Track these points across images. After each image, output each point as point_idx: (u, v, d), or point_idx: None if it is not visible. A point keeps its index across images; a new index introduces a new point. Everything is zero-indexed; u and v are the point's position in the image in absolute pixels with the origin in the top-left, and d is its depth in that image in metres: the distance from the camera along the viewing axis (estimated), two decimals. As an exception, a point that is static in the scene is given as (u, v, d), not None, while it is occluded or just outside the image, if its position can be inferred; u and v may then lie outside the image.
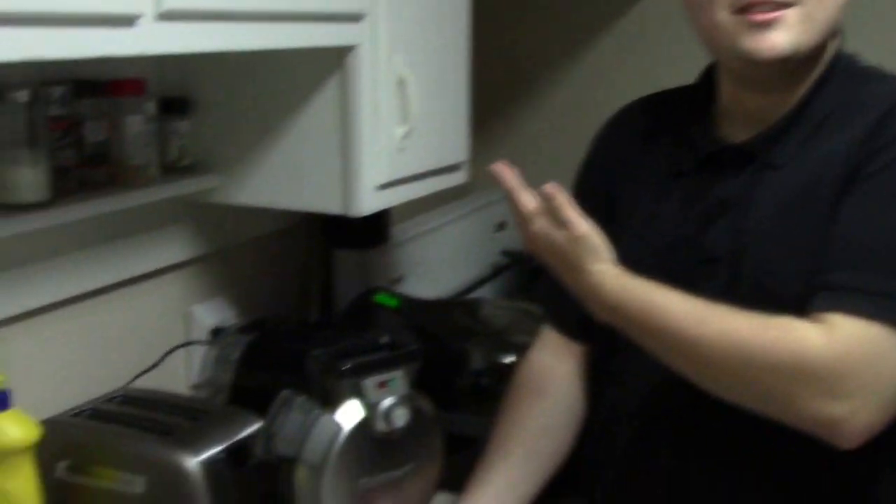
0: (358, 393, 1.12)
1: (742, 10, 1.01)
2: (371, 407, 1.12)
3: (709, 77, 1.14)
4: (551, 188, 1.00)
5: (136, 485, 1.12)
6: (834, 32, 1.06)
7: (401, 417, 1.13)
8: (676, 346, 0.99)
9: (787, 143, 1.06)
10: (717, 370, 0.97)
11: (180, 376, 1.50)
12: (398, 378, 1.14)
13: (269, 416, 1.10)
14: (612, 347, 1.16)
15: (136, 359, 1.42)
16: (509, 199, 1.03)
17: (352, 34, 1.29)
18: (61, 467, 1.16)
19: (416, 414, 1.15)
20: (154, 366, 1.42)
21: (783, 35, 1.01)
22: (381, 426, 1.12)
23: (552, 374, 1.26)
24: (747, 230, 1.06)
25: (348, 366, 1.11)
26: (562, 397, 1.25)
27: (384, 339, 1.18)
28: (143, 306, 1.45)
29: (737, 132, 1.10)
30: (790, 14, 1.00)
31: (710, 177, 1.10)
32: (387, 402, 1.12)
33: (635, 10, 2.19)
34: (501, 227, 2.24)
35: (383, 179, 1.38)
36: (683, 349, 0.98)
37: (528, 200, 1.02)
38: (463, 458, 1.34)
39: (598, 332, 1.16)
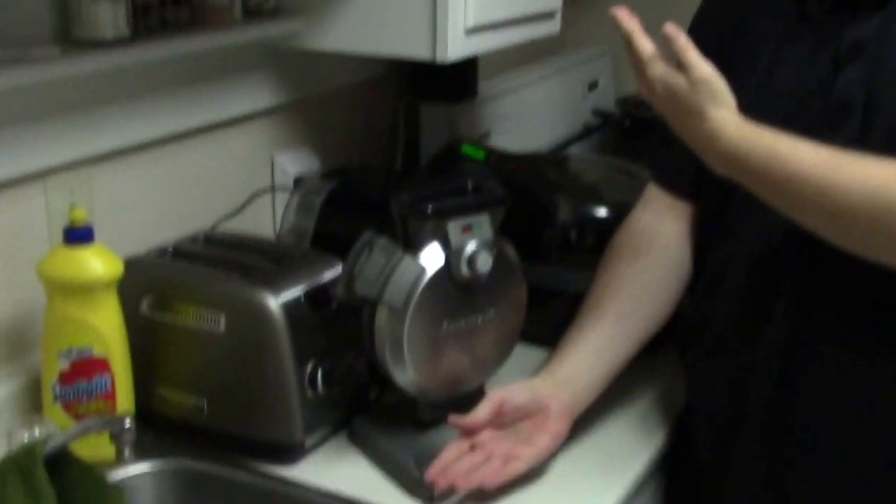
0: (441, 236, 1.09)
1: None
2: (454, 251, 1.09)
3: None
4: (672, 29, 0.96)
5: (218, 323, 1.13)
6: None
7: (484, 263, 1.10)
8: (805, 197, 0.95)
9: None
10: (850, 220, 0.94)
11: (263, 222, 1.50)
12: (483, 222, 1.11)
13: (351, 257, 1.08)
14: (724, 204, 1.12)
15: (220, 203, 1.43)
16: (626, 43, 0.99)
17: None
18: (145, 304, 1.17)
19: (500, 260, 1.12)
20: (238, 210, 1.42)
21: None
22: (463, 271, 1.09)
23: (656, 233, 1.23)
24: (883, 76, 1.00)
25: (432, 208, 1.08)
26: (665, 257, 1.22)
27: (470, 184, 1.14)
28: (228, 151, 1.45)
29: None
30: None
31: (841, 18, 1.05)
32: (470, 246, 1.09)
33: None
34: (594, 86, 2.20)
35: (472, 23, 1.33)
36: (813, 199, 0.95)
37: (647, 43, 0.99)
38: (547, 312, 1.36)
39: (710, 190, 1.14)
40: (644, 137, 1.93)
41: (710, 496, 1.19)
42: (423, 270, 1.07)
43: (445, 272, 1.09)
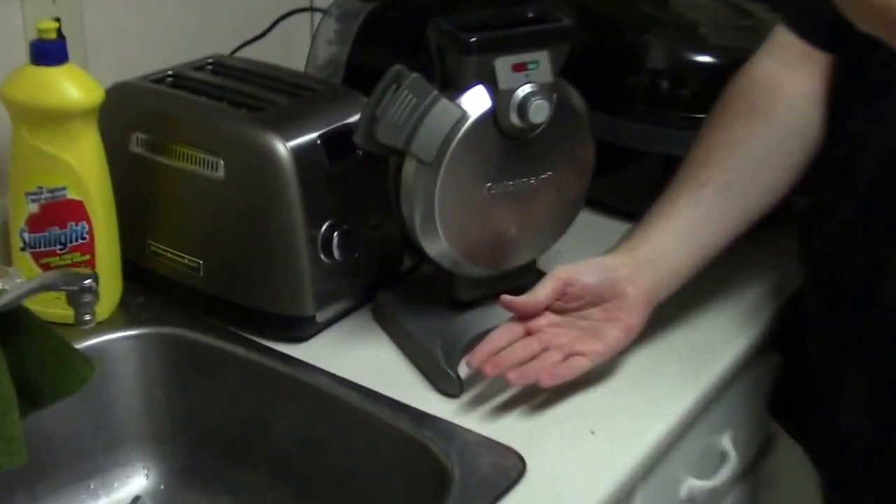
0: (488, 76, 0.93)
1: None
2: (503, 94, 0.93)
3: None
4: None
5: (216, 168, 1.00)
6: None
7: (540, 111, 0.93)
8: None
9: None
10: None
11: (297, 50, 1.36)
12: (542, 61, 0.93)
13: (374, 96, 0.92)
14: (867, 61, 0.95)
15: (244, 25, 1.29)
16: None
17: None
18: (134, 141, 1.05)
19: (561, 109, 0.96)
20: (263, 34, 1.29)
21: None
22: (513, 119, 0.93)
23: (781, 87, 1.05)
24: None
25: (477, 39, 0.91)
26: (790, 119, 1.05)
27: (531, 13, 0.97)
28: None
29: None
30: None
31: None
32: (524, 89, 0.93)
33: None
34: None
35: None
36: None
37: None
38: (627, 178, 1.24)
39: (850, 43, 0.94)
40: None
41: (817, 404, 1.06)
42: (462, 116, 0.92)
43: (490, 120, 0.93)
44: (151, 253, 1.07)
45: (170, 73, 1.10)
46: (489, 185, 0.95)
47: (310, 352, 1.01)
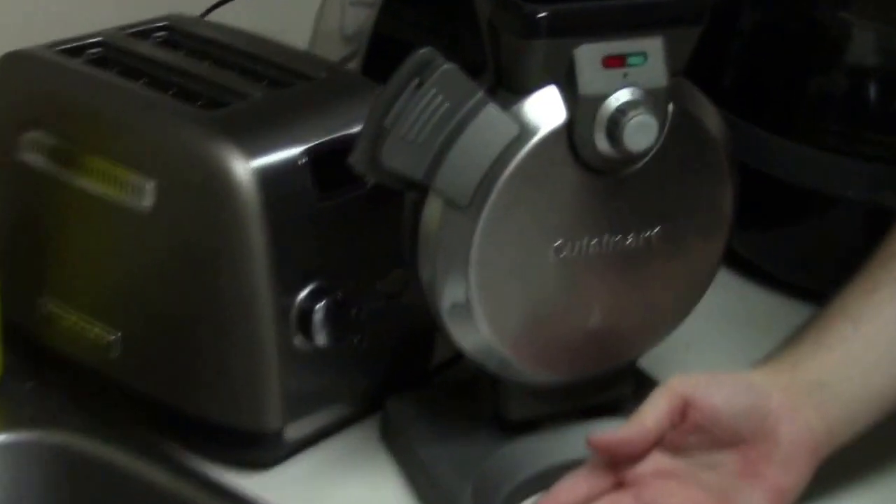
0: (564, 72, 0.94)
1: None
2: (586, 103, 0.94)
3: None
4: None
5: (141, 194, 1.01)
6: None
7: (643, 132, 0.94)
8: None
9: None
10: None
11: (296, 20, 1.41)
12: (651, 53, 0.94)
13: (384, 96, 0.93)
14: None
15: None
16: None
17: None
18: (28, 145, 1.08)
19: (681, 130, 0.97)
20: None
21: None
22: (600, 144, 0.94)
23: None
24: None
25: (548, 13, 0.92)
26: None
27: None
28: None
29: None
30: None
31: None
32: (619, 97, 0.94)
33: None
34: None
35: None
36: None
37: None
38: (802, 236, 1.29)
39: None
40: None
41: None
42: (518, 134, 0.94)
43: (564, 143, 0.95)
44: (45, 316, 1.09)
45: (96, 40, 1.13)
46: (559, 243, 0.96)
47: (274, 485, 1.03)
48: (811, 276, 1.23)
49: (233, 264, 1.00)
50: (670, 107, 0.96)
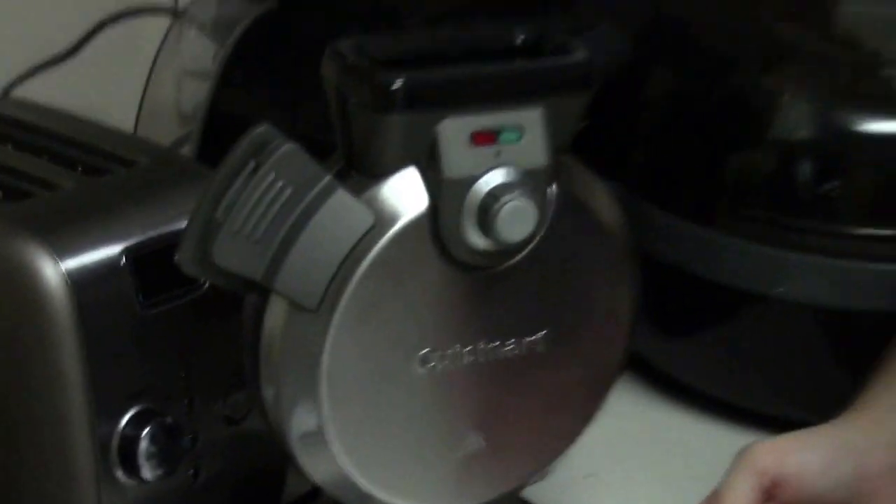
0: (426, 150, 0.99)
1: None
2: (452, 188, 0.98)
3: None
4: None
5: None
6: None
7: (521, 220, 0.98)
8: None
9: None
10: None
11: (125, 80, 1.46)
12: (528, 127, 0.99)
13: (217, 183, 0.97)
14: None
15: (40, 35, 1.42)
16: None
17: None
18: None
19: (568, 217, 1.02)
20: (68, 53, 1.42)
21: None
22: (470, 235, 0.98)
23: None
24: None
25: (402, 81, 0.96)
26: None
27: (520, 35, 1.04)
28: None
29: None
30: None
31: None
32: (491, 179, 0.98)
33: None
34: None
35: None
36: None
37: None
38: (722, 337, 1.34)
39: None
40: None
41: None
42: (372, 225, 0.98)
43: (428, 234, 1.00)
44: None
45: None
46: (426, 352, 1.00)
47: None
48: (735, 389, 1.29)
49: (42, 384, 1.04)
50: (553, 190, 1.00)
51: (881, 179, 1.33)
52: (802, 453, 1.04)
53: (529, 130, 1.00)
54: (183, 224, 1.05)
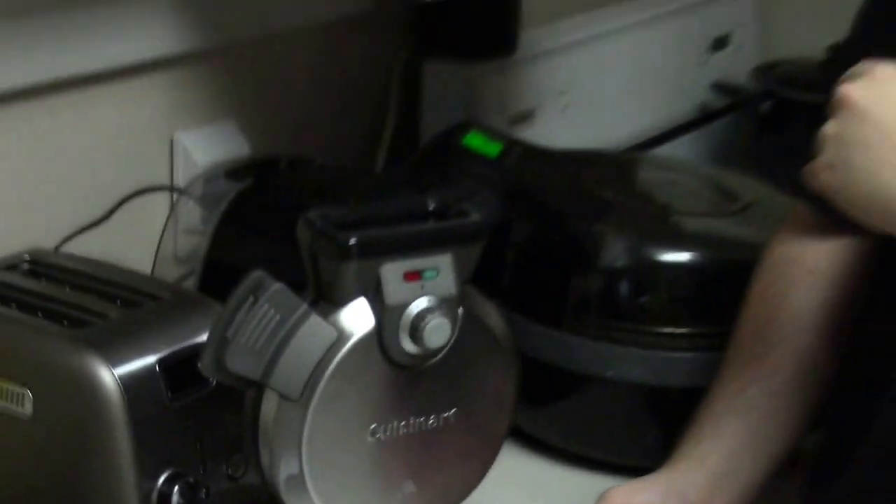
0: (372, 286, 1.04)
1: None
2: (389, 311, 1.04)
3: None
4: None
5: (21, 402, 1.10)
6: None
7: (439, 332, 1.04)
8: None
9: None
10: None
11: (141, 240, 1.50)
12: (443, 267, 1.05)
13: (226, 311, 1.03)
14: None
15: (79, 207, 1.43)
16: None
17: None
18: None
19: (470, 329, 1.07)
20: (104, 218, 1.43)
21: None
22: (404, 343, 1.04)
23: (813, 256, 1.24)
24: None
25: (356, 240, 1.02)
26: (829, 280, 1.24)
27: (431, 203, 1.09)
28: (101, 124, 1.46)
29: None
30: None
31: None
32: (418, 304, 1.04)
33: None
34: (720, 44, 2.24)
35: None
36: None
37: None
38: (572, 411, 1.38)
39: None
40: (789, 130, 2.03)
41: None
42: (337, 338, 1.03)
43: (375, 344, 1.05)
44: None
45: None
46: (374, 427, 1.05)
47: None
48: (588, 446, 1.35)
49: (102, 456, 1.08)
50: (460, 310, 1.05)
51: (676, 293, 1.39)
52: (644, 494, 1.10)
53: (443, 270, 1.05)
54: (197, 339, 1.13)
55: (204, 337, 1.09)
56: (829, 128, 1.05)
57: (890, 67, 1.04)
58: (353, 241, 1.03)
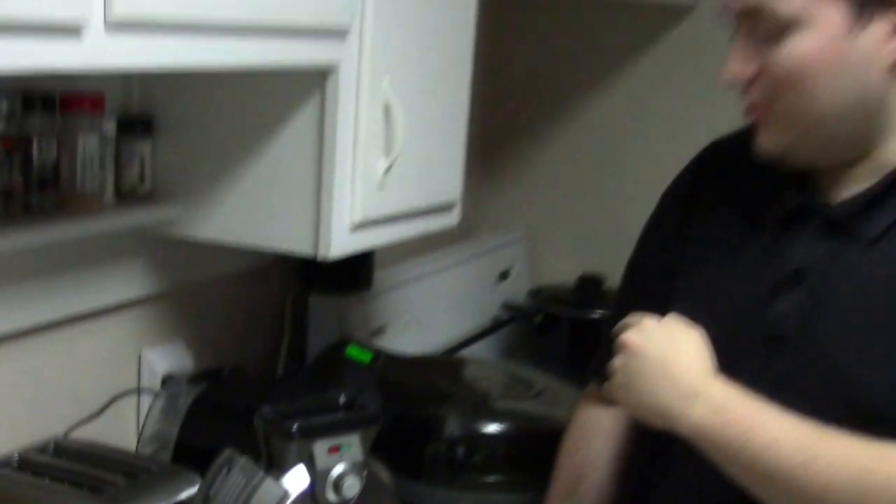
0: (307, 457, 1.15)
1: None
2: (320, 473, 1.14)
3: None
4: None
5: None
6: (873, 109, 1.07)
7: (352, 487, 1.16)
8: (781, 487, 1.02)
9: (879, 218, 1.07)
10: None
11: (126, 427, 1.52)
12: (353, 443, 1.17)
13: (208, 478, 1.14)
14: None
15: (78, 406, 1.44)
16: None
17: (333, 53, 1.28)
18: None
19: (371, 484, 1.18)
20: (95, 415, 1.45)
21: (764, 139, 1.08)
22: (329, 496, 1.15)
23: (605, 418, 1.29)
24: (820, 310, 1.07)
25: (297, 427, 1.14)
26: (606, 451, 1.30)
27: (342, 399, 1.20)
28: (89, 348, 1.48)
29: (822, 190, 1.11)
30: (769, 116, 1.07)
31: (790, 237, 1.12)
32: (338, 468, 1.15)
33: (672, 35, 2.21)
34: (504, 275, 2.27)
35: (359, 218, 1.39)
36: (790, 479, 1.01)
37: None
38: None
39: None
40: (556, 335, 2.11)
41: None
42: (284, 494, 1.13)
43: (309, 497, 1.14)
44: None
45: (16, 457, 1.27)
46: None
47: None
48: None
49: None
50: (365, 472, 1.17)
51: (498, 453, 1.47)
52: None
53: (354, 445, 1.17)
54: (180, 497, 1.21)
55: (185, 494, 1.20)
56: (617, 361, 1.11)
57: (652, 319, 1.11)
58: (294, 428, 1.14)
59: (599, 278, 2.15)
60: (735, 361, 1.07)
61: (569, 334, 2.06)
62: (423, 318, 1.97)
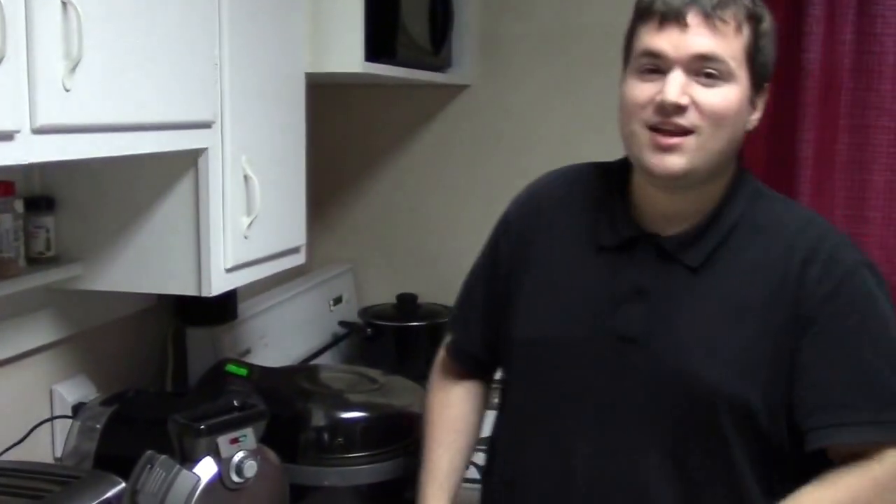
0: (213, 450, 1.18)
1: (652, 128, 1.09)
2: (224, 461, 1.18)
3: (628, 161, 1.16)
4: None
5: None
6: (732, 154, 1.14)
7: (250, 469, 1.19)
8: None
9: (701, 248, 1.11)
10: None
11: (46, 450, 1.50)
12: (248, 435, 1.21)
13: (134, 475, 1.15)
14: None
15: (2, 436, 1.42)
16: None
17: (203, 138, 1.35)
18: None
19: (264, 465, 1.22)
20: (20, 441, 1.42)
21: (679, 159, 1.08)
22: (233, 477, 1.19)
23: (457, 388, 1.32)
24: (661, 319, 1.10)
25: (204, 426, 1.17)
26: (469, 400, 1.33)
27: (236, 402, 1.24)
28: (8, 387, 1.45)
29: (653, 222, 1.14)
30: (689, 141, 1.07)
31: (626, 260, 1.13)
32: (238, 456, 1.19)
33: (454, 105, 2.31)
34: (339, 300, 2.30)
35: (231, 263, 1.44)
36: None
37: None
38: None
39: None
40: (383, 343, 2.15)
41: None
42: (198, 480, 1.16)
43: (219, 480, 1.18)
44: None
45: None
46: None
47: None
48: None
49: None
50: (259, 457, 1.20)
51: (356, 435, 1.47)
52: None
53: (249, 436, 1.21)
54: (107, 495, 1.19)
55: (111, 492, 1.19)
56: None
57: None
58: (202, 427, 1.18)
59: (413, 297, 2.22)
60: (596, 356, 1.10)
61: (393, 341, 2.12)
62: (279, 339, 1.97)
